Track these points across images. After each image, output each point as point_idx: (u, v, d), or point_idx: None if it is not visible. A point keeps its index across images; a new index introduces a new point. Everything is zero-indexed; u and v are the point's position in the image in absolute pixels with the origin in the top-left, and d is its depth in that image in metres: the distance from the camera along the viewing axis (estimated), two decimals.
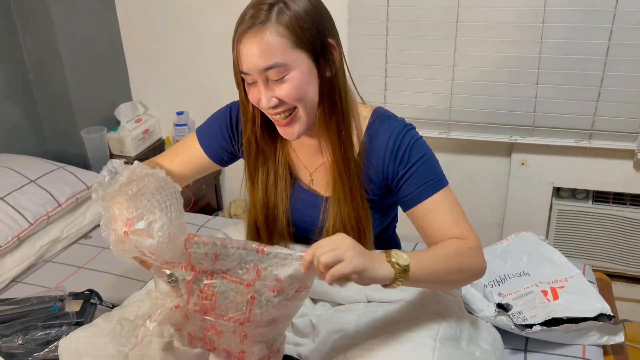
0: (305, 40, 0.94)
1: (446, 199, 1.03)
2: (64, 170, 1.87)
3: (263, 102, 0.97)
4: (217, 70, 2.28)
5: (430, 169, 1.03)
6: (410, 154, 1.02)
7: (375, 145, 1.05)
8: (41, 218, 1.67)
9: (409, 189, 1.03)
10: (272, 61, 0.93)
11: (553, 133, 1.92)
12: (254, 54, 0.94)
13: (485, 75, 1.91)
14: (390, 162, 1.04)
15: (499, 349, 1.15)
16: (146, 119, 2.42)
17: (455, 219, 1.02)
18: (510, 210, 2.08)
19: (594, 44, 1.77)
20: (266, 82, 0.96)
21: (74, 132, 2.24)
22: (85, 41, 2.22)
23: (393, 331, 0.99)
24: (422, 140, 1.05)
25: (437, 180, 1.03)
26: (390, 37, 1.96)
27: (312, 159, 1.12)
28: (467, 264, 0.98)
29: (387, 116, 1.07)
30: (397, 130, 1.04)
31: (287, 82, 0.95)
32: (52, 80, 2.18)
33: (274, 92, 0.96)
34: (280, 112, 0.99)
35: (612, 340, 1.23)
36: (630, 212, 1.95)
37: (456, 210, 1.03)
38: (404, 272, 0.86)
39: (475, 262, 0.99)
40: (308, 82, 0.96)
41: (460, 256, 0.97)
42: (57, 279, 1.58)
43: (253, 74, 0.96)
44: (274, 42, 0.93)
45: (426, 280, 0.93)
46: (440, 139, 2.02)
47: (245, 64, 0.96)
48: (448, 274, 0.96)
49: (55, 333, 1.28)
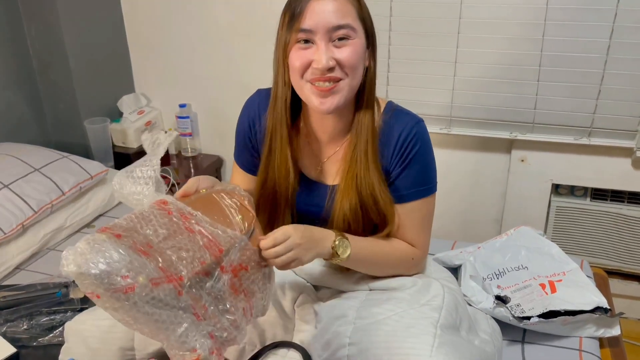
0: (365, 19, 1.02)
1: (424, 208, 1.11)
2: (68, 160, 1.88)
3: (323, 60, 0.95)
4: (220, 62, 2.29)
5: (424, 177, 1.09)
6: (415, 157, 1.07)
7: (389, 137, 1.08)
8: (45, 206, 1.69)
9: (399, 188, 1.09)
10: (345, 21, 0.97)
11: (553, 130, 1.94)
12: (328, 11, 0.96)
13: (487, 72, 1.93)
14: (396, 155, 1.07)
15: (497, 340, 1.17)
16: (149, 110, 2.43)
17: (421, 228, 1.13)
18: (509, 206, 2.10)
19: (595, 42, 1.78)
20: (328, 42, 0.97)
21: (77, 122, 2.25)
22: (89, 32, 2.23)
23: (395, 318, 1.01)
24: (428, 143, 1.09)
25: (426, 189, 1.10)
26: (393, 33, 1.97)
27: (327, 147, 1.12)
28: (402, 269, 1.15)
29: (400, 110, 1.10)
30: (410, 126, 1.06)
31: (350, 47, 0.98)
32: (56, 70, 2.18)
33: (333, 54, 0.97)
34: (327, 80, 0.97)
35: (608, 333, 1.25)
36: (627, 210, 1.97)
37: (426, 221, 1.13)
38: (338, 257, 1.03)
39: (409, 270, 1.16)
40: (362, 57, 1.01)
41: (400, 261, 1.13)
42: None
43: (319, 30, 0.96)
44: (347, 5, 0.98)
45: (358, 267, 1.11)
46: (441, 134, 2.04)
47: (313, 19, 0.96)
48: (381, 268, 1.13)
49: (59, 319, 1.29)
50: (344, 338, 1.01)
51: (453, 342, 0.97)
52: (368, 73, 1.05)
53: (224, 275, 0.84)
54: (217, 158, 2.44)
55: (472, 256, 1.43)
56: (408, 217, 1.11)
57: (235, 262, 0.87)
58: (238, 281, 0.87)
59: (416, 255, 1.14)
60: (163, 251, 0.81)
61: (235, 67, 2.27)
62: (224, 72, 2.30)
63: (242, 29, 2.19)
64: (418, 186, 1.08)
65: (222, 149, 2.45)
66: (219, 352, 0.85)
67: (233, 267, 0.86)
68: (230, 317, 0.86)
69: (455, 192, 2.13)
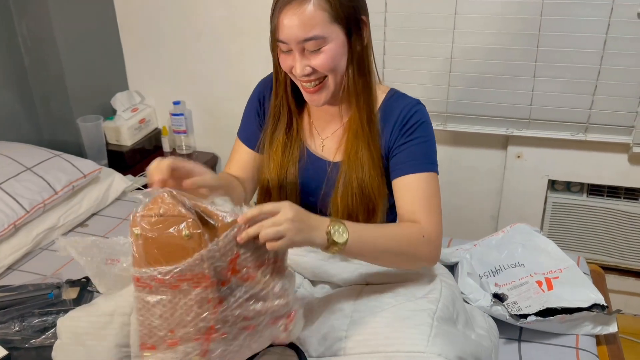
0: (343, 15, 1.01)
1: (428, 183, 1.08)
2: (60, 158, 1.86)
3: (297, 70, 1.03)
4: (214, 59, 2.27)
5: (426, 151, 1.10)
6: (415, 130, 1.09)
7: (389, 118, 1.11)
8: (37, 206, 1.67)
9: (400, 159, 1.09)
10: (312, 33, 0.99)
11: (549, 126, 1.93)
12: (294, 25, 0.99)
13: (483, 68, 1.92)
14: (396, 131, 1.10)
15: (494, 336, 1.16)
16: (142, 108, 2.40)
17: (427, 205, 1.07)
18: (505, 202, 2.09)
19: (591, 38, 1.77)
20: (302, 51, 1.02)
21: (69, 120, 2.23)
22: (81, 28, 2.20)
23: (392, 311, 1.01)
24: (429, 124, 1.12)
25: (428, 164, 1.09)
26: (388, 29, 1.96)
27: (328, 126, 1.18)
28: (413, 250, 1.03)
29: (402, 95, 1.15)
30: (411, 105, 1.12)
31: (323, 53, 1.01)
32: (48, 67, 2.16)
33: (309, 62, 1.02)
34: (311, 80, 1.05)
35: (605, 330, 1.25)
36: (624, 206, 1.97)
37: (432, 199, 1.08)
38: (336, 245, 0.92)
39: (424, 250, 1.04)
40: (341, 54, 1.03)
41: (409, 241, 1.02)
42: (54, 266, 1.57)
43: (291, 43, 1.01)
44: (315, 15, 0.98)
45: (364, 257, 1.01)
46: (437, 131, 2.01)
47: (284, 33, 1.00)
48: (389, 256, 1.02)
49: (52, 320, 1.28)
50: (340, 331, 1.01)
51: (449, 333, 0.97)
52: (364, 52, 1.07)
53: (235, 285, 0.83)
54: (212, 155, 2.42)
55: (469, 253, 1.42)
56: (411, 192, 1.07)
57: (226, 265, 0.82)
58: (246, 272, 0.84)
59: (427, 232, 1.04)
60: (177, 338, 0.82)
61: (230, 64, 2.25)
62: (218, 68, 2.28)
63: (237, 26, 2.17)
64: (418, 159, 1.09)
65: (217, 146, 2.44)
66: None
67: (230, 270, 0.83)
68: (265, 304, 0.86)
69: (451, 189, 2.12)
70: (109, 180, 1.94)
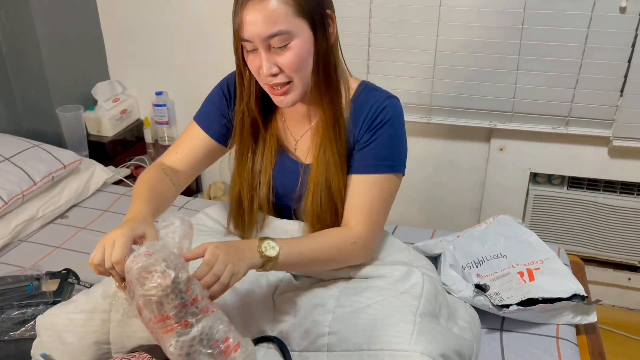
0: (307, 9, 0.97)
1: (377, 186, 1.07)
2: (40, 149, 1.83)
3: (264, 69, 0.98)
4: (197, 49, 2.24)
5: (388, 152, 1.07)
6: (380, 128, 1.06)
7: (359, 113, 1.08)
8: (16, 197, 1.64)
9: (358, 157, 1.07)
10: (277, 28, 0.95)
11: (531, 119, 1.95)
12: (258, 21, 0.95)
13: (467, 61, 1.92)
14: (364, 128, 1.07)
15: (476, 327, 1.18)
16: (124, 98, 2.37)
17: (367, 209, 1.07)
18: (488, 195, 2.11)
19: (574, 32, 1.79)
20: (268, 49, 0.97)
21: (49, 110, 2.18)
22: (61, 16, 2.16)
23: (374, 306, 1.00)
24: (399, 120, 1.08)
25: (390, 165, 1.07)
26: (373, 20, 1.95)
27: (299, 126, 1.14)
28: (344, 257, 1.07)
29: (374, 88, 1.11)
30: (380, 100, 1.07)
31: (290, 50, 0.97)
32: (27, 56, 2.12)
33: (275, 60, 0.98)
34: (277, 83, 1.00)
35: (585, 320, 1.27)
36: (603, 198, 2.00)
37: (376, 204, 1.07)
38: (270, 260, 0.95)
39: (354, 255, 1.08)
40: (308, 51, 0.99)
41: (339, 250, 1.05)
42: (33, 258, 1.55)
43: (255, 41, 0.97)
44: (278, 9, 0.94)
45: (298, 267, 1.06)
46: (421, 123, 2.03)
47: (248, 30, 0.96)
48: (321, 263, 1.06)
49: (31, 312, 1.26)
50: (323, 327, 1.01)
51: (432, 330, 0.97)
52: (331, 50, 1.02)
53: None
54: None
55: (452, 245, 1.43)
56: (358, 193, 1.06)
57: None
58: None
59: (357, 237, 1.05)
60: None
61: (213, 55, 2.22)
62: (201, 59, 2.26)
63: (220, 16, 2.14)
64: (382, 160, 1.06)
65: None
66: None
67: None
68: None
69: (434, 181, 2.13)
70: (89, 171, 1.91)
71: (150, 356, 0.96)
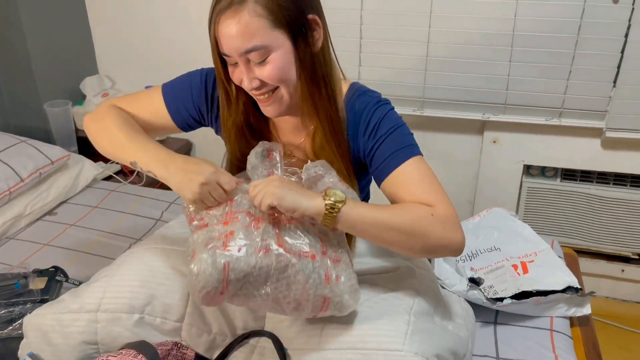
0: (284, 19, 0.91)
1: (416, 168, 0.99)
2: (27, 144, 1.80)
3: (245, 83, 0.96)
4: (186, 43, 2.22)
5: (399, 139, 1.01)
6: (380, 126, 1.01)
7: (355, 120, 1.04)
8: (3, 193, 1.61)
9: (379, 159, 1.01)
10: (252, 44, 0.91)
11: (525, 111, 1.94)
12: (233, 36, 0.91)
13: (459, 52, 1.91)
14: (363, 136, 1.03)
15: (470, 323, 1.17)
16: (113, 93, 2.34)
17: (425, 187, 0.98)
18: (481, 187, 2.10)
19: (566, 22, 1.78)
20: (247, 63, 0.94)
21: (36, 105, 2.15)
22: (48, 9, 2.12)
23: (369, 305, 0.99)
24: (393, 113, 1.04)
25: (407, 150, 1.00)
26: (365, 12, 1.93)
27: (293, 137, 1.10)
28: (422, 230, 0.92)
29: (363, 91, 1.06)
30: (370, 105, 1.03)
31: (269, 64, 0.93)
32: (14, 50, 2.08)
33: (255, 74, 0.94)
34: (263, 93, 0.97)
35: (579, 312, 1.26)
36: (596, 190, 1.99)
37: (427, 180, 1.00)
38: (332, 208, 0.88)
39: (436, 230, 0.93)
40: (290, 62, 0.94)
41: (416, 218, 0.93)
42: (21, 256, 1.52)
43: (234, 55, 0.93)
44: (252, 23, 0.90)
45: (363, 228, 0.93)
46: (413, 116, 2.02)
47: (225, 46, 0.93)
48: (392, 231, 0.92)
49: (19, 311, 1.23)
50: (318, 326, 0.99)
51: (427, 329, 0.96)
52: (318, 57, 0.97)
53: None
54: (186, 142, 2.37)
55: None
56: (404, 185, 0.98)
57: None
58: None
59: (436, 211, 0.94)
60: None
61: (202, 49, 2.17)
62: (190, 52, 2.23)
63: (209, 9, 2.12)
64: (395, 150, 0.99)
65: (191, 133, 2.38)
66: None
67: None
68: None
69: None
70: (78, 167, 1.89)
71: (136, 352, 0.95)
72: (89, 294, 1.05)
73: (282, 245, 0.90)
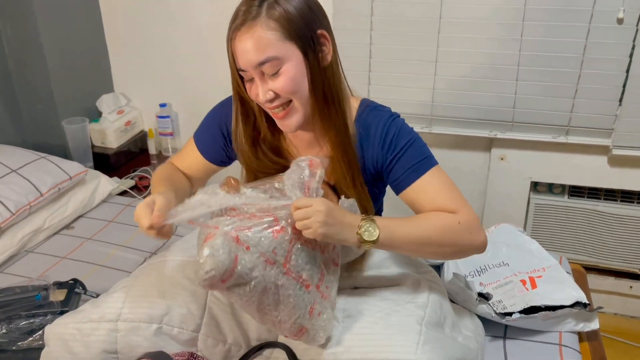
0: (295, 32, 0.97)
1: (436, 178, 1.06)
2: (46, 160, 1.85)
3: (260, 96, 1.00)
4: (200, 61, 2.27)
5: (417, 152, 1.07)
6: (398, 140, 1.06)
7: (366, 135, 1.08)
8: (23, 208, 1.66)
9: (398, 172, 1.07)
10: (265, 55, 0.96)
11: (532, 129, 1.97)
12: (247, 50, 0.97)
13: (467, 71, 1.95)
14: (380, 150, 1.07)
15: (480, 336, 1.18)
16: (128, 110, 2.40)
17: (447, 195, 1.05)
18: (489, 204, 2.12)
19: (572, 43, 1.81)
20: (262, 76, 0.99)
21: (54, 122, 2.21)
22: (66, 30, 2.19)
23: (380, 316, 1.01)
24: (406, 126, 1.09)
25: (425, 162, 1.07)
26: (374, 32, 1.98)
27: (308, 152, 1.14)
28: (452, 239, 1.02)
29: (374, 107, 1.11)
30: (384, 120, 1.08)
31: (282, 75, 0.98)
32: (33, 70, 2.14)
33: (269, 86, 0.99)
34: (277, 106, 1.02)
35: (587, 327, 1.28)
36: (604, 207, 2.01)
37: (448, 188, 1.06)
38: (368, 243, 0.96)
39: (464, 237, 1.02)
40: (302, 74, 0.99)
41: (444, 230, 1.01)
42: (40, 269, 1.56)
43: (249, 69, 0.99)
44: (265, 36, 0.96)
45: (399, 249, 1.03)
46: (422, 133, 2.03)
47: (241, 60, 0.99)
48: (426, 246, 1.02)
49: (39, 322, 1.27)
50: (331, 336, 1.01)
51: (438, 339, 0.99)
52: (327, 71, 1.02)
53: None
54: None
55: None
56: (426, 195, 1.04)
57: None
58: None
59: (461, 218, 1.02)
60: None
61: (216, 67, 2.25)
62: (204, 71, 2.28)
63: (224, 28, 2.16)
64: (415, 163, 1.05)
65: None
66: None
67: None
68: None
69: None
70: (95, 182, 1.93)
71: None
72: (109, 304, 1.08)
73: (286, 265, 0.93)
